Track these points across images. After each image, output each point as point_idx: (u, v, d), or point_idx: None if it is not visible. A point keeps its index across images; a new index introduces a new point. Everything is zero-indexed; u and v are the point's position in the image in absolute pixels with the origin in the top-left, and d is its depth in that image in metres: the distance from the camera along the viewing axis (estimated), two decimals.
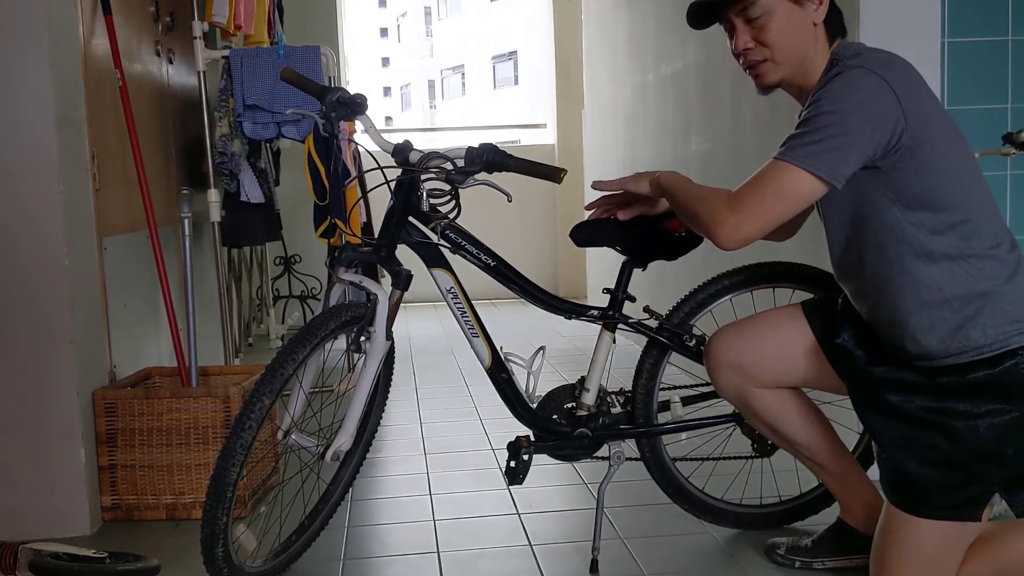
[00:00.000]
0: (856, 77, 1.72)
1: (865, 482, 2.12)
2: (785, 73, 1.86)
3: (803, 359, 2.00)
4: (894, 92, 1.70)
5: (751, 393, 2.06)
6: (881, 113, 1.69)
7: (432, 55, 41.80)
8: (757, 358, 2.04)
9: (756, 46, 1.85)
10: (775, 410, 2.07)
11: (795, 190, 1.74)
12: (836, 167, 1.71)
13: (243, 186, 3.84)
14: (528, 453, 2.15)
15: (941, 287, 1.74)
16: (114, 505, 2.57)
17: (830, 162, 1.71)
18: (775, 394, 2.06)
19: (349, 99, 2.10)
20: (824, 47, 1.84)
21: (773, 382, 2.05)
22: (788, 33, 1.82)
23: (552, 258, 7.12)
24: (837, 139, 1.70)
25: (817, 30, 1.83)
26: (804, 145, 1.72)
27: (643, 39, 4.71)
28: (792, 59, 1.84)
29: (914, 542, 1.77)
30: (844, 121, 1.69)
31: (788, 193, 1.74)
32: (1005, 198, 2.67)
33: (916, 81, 1.75)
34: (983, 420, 1.71)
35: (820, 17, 1.82)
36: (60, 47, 2.44)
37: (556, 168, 2.00)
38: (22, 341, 2.41)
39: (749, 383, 2.05)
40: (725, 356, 2.06)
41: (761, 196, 1.76)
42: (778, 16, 1.82)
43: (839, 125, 1.69)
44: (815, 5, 1.82)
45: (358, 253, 2.08)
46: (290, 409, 2.05)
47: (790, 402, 2.08)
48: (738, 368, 2.05)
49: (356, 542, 2.41)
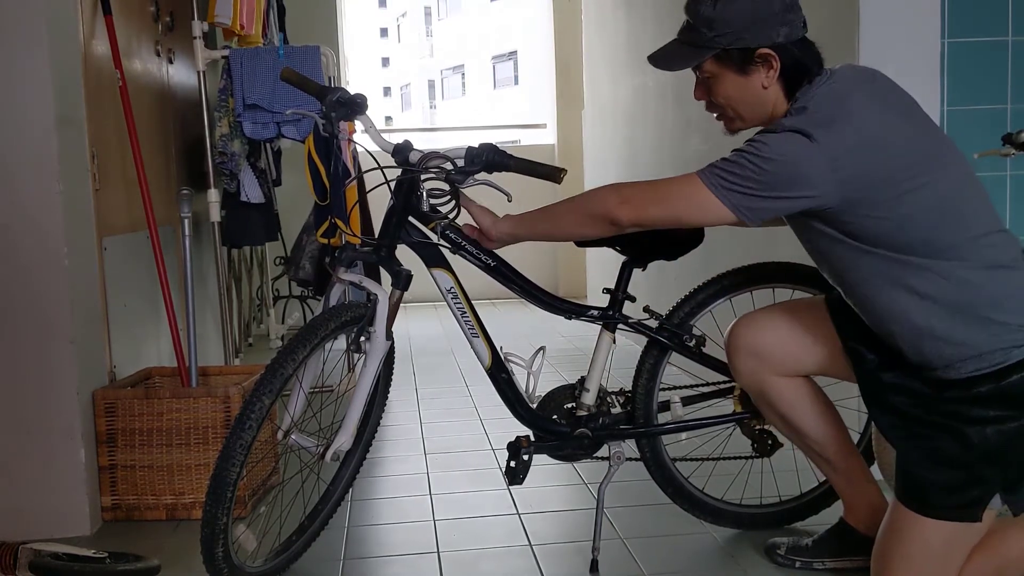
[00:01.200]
0: (790, 142, 1.70)
1: (871, 482, 2.12)
2: (747, 124, 1.89)
3: (823, 351, 2.01)
4: (827, 160, 1.68)
5: (768, 380, 2.06)
6: (804, 179, 1.69)
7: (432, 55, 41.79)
8: (777, 345, 2.04)
9: (709, 102, 1.89)
10: (790, 399, 2.07)
11: (691, 202, 1.78)
12: (748, 209, 1.74)
13: (243, 186, 3.84)
14: (528, 453, 2.15)
15: (924, 308, 1.73)
16: (114, 505, 2.57)
17: (743, 202, 1.73)
18: (791, 383, 2.06)
19: (349, 99, 2.11)
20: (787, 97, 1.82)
21: (792, 369, 2.06)
22: (736, 96, 1.84)
23: (552, 258, 7.12)
24: (750, 184, 1.71)
25: (770, 90, 1.81)
26: (722, 168, 1.75)
27: (643, 39, 4.71)
28: (748, 114, 1.86)
29: (919, 541, 1.77)
30: (763, 173, 1.70)
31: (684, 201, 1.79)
32: (1005, 198, 2.67)
33: (866, 129, 1.71)
34: (991, 426, 1.71)
35: (770, 81, 1.80)
36: (60, 47, 2.44)
37: (556, 168, 2.00)
38: (22, 341, 2.41)
39: (767, 370, 2.05)
40: (745, 341, 2.07)
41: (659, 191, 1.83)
42: (724, 81, 1.83)
43: (757, 176, 1.71)
44: (763, 72, 1.79)
45: (358, 253, 2.08)
46: (290, 409, 2.05)
47: (805, 393, 2.08)
48: (757, 354, 2.06)
49: (356, 542, 2.41)
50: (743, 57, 1.78)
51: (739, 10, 1.76)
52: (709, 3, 1.79)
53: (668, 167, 4.38)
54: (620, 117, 5.28)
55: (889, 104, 1.78)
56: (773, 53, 1.77)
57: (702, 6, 1.80)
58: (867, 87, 1.79)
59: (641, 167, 4.86)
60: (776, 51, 1.77)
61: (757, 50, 1.77)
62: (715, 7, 1.78)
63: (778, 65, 1.78)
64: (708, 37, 1.79)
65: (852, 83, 1.79)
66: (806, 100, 1.76)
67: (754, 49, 1.77)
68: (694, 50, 1.83)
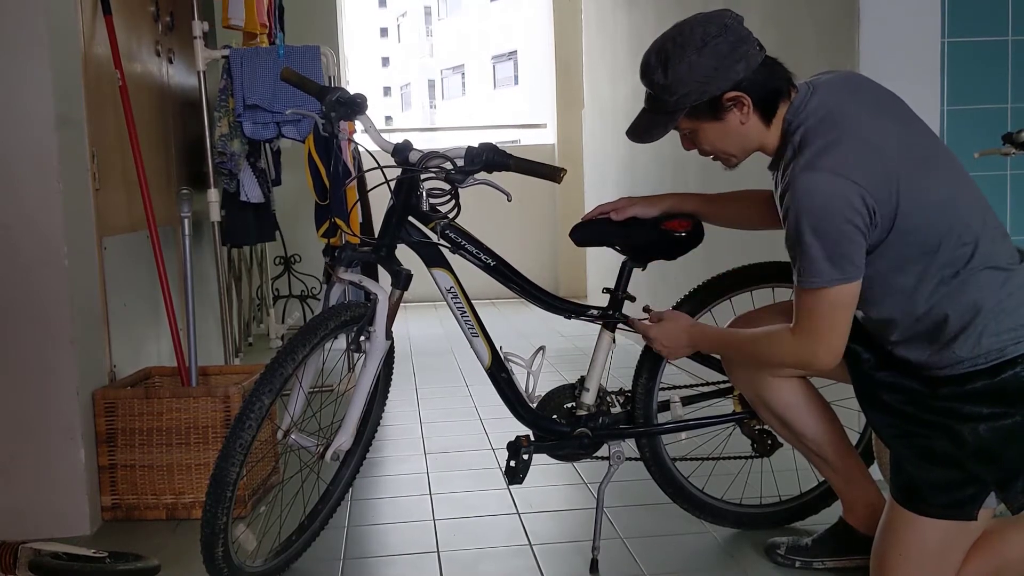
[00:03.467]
0: (809, 185, 1.69)
1: (869, 482, 2.12)
2: (742, 159, 1.90)
3: None
4: (848, 179, 1.68)
5: (764, 381, 2.07)
6: (848, 209, 1.68)
7: (432, 55, 41.79)
8: None
9: (699, 149, 1.90)
10: (787, 400, 2.08)
11: (836, 302, 1.74)
12: (844, 269, 1.71)
13: (243, 186, 3.84)
14: (528, 453, 2.15)
15: (919, 312, 1.75)
16: (114, 505, 2.57)
17: (836, 268, 1.71)
18: (788, 384, 2.06)
19: (349, 99, 2.11)
20: (779, 115, 1.81)
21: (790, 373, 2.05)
22: (720, 141, 1.85)
23: (552, 258, 7.12)
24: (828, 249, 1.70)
25: (749, 124, 1.81)
26: (807, 269, 1.73)
27: (643, 39, 4.71)
28: (739, 151, 1.88)
29: (916, 540, 1.78)
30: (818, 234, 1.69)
31: (835, 307, 1.75)
32: (1005, 198, 2.67)
33: (870, 143, 1.72)
34: (985, 423, 1.72)
35: (747, 117, 1.80)
36: (60, 47, 2.44)
37: (556, 168, 2.00)
38: (22, 341, 2.41)
39: (763, 371, 2.05)
40: None
41: (820, 321, 1.77)
42: (704, 132, 1.85)
43: (818, 239, 1.69)
44: (737, 112, 1.80)
45: (358, 253, 2.08)
46: (290, 409, 2.05)
47: (802, 394, 2.08)
48: None
49: (356, 542, 2.41)
50: (713, 106, 1.80)
51: (690, 67, 1.76)
52: (659, 71, 1.79)
53: (668, 167, 4.38)
54: (620, 117, 5.28)
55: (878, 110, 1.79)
56: (739, 93, 1.77)
57: (655, 75, 1.80)
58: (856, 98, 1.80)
59: (641, 167, 4.86)
60: (742, 89, 1.77)
61: (724, 96, 1.78)
62: (667, 73, 1.78)
63: (748, 101, 1.78)
64: (672, 102, 1.80)
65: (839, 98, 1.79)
66: (802, 119, 1.77)
67: (720, 96, 1.78)
68: (664, 116, 1.84)
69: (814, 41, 2.77)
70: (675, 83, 1.78)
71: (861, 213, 1.69)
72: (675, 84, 1.78)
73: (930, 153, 1.77)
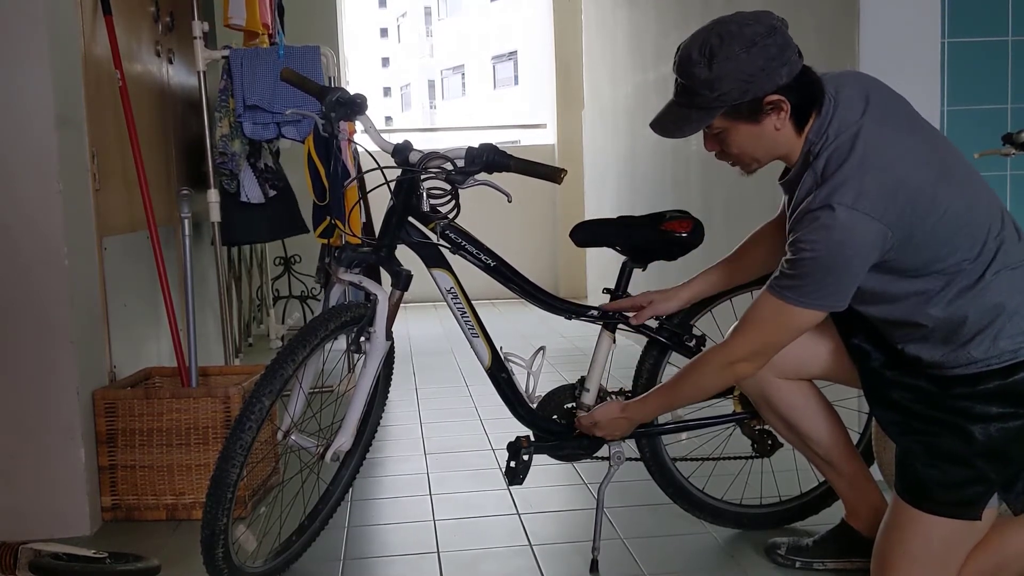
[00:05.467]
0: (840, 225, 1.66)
1: (872, 485, 2.12)
2: (764, 164, 1.86)
3: (826, 351, 2.01)
4: (878, 220, 1.66)
5: (770, 383, 2.06)
6: (870, 250, 1.68)
7: (432, 55, 41.78)
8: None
9: (723, 152, 1.85)
10: (792, 402, 2.07)
11: (790, 322, 1.78)
12: (835, 299, 1.74)
13: (243, 186, 3.83)
14: (528, 453, 2.15)
15: (937, 315, 1.74)
16: (114, 505, 2.57)
17: (828, 297, 1.73)
18: (793, 386, 2.06)
19: (349, 99, 2.10)
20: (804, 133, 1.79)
21: (794, 372, 2.05)
22: (749, 145, 1.80)
23: (552, 258, 7.12)
24: (828, 279, 1.71)
25: (783, 130, 1.77)
26: (794, 284, 1.73)
27: (643, 39, 4.71)
28: (765, 157, 1.83)
29: (919, 539, 1.78)
30: (830, 267, 1.69)
31: (783, 327, 1.79)
32: (1005, 198, 2.67)
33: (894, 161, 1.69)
34: (995, 423, 1.72)
35: (783, 123, 1.75)
36: (60, 47, 2.44)
37: (556, 168, 2.00)
38: (22, 341, 2.41)
39: (769, 371, 2.04)
40: None
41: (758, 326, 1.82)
42: (736, 133, 1.78)
43: (826, 271, 1.70)
44: (775, 116, 1.75)
45: (358, 253, 2.07)
46: (290, 409, 2.05)
47: (807, 396, 2.08)
48: None
49: (356, 542, 2.41)
50: (753, 108, 1.73)
51: (738, 65, 1.69)
52: (703, 65, 1.72)
53: (668, 167, 4.38)
54: (620, 117, 5.28)
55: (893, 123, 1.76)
56: (782, 97, 1.72)
57: (697, 68, 1.73)
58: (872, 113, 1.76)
59: (641, 167, 4.86)
60: (783, 94, 1.72)
61: (766, 98, 1.72)
62: (711, 68, 1.71)
63: (788, 107, 1.74)
64: (711, 98, 1.73)
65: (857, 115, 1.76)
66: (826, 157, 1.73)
67: (762, 98, 1.72)
68: (701, 112, 1.76)
69: (814, 41, 2.77)
70: (719, 79, 1.70)
71: (878, 250, 1.68)
72: (719, 80, 1.71)
73: (945, 163, 1.74)
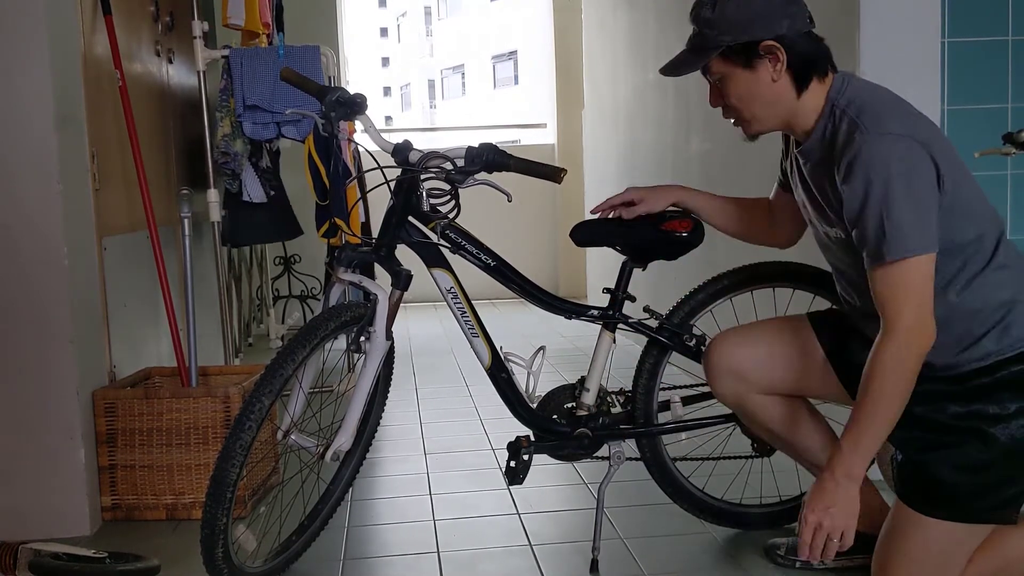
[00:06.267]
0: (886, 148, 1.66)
1: (866, 484, 2.11)
2: (767, 126, 1.86)
3: (809, 371, 2.01)
4: (921, 144, 1.66)
5: (751, 399, 2.06)
6: (927, 170, 1.67)
7: (432, 55, 41.78)
8: (759, 366, 2.03)
9: (724, 106, 1.88)
10: (774, 415, 2.07)
11: (923, 273, 1.67)
12: (931, 236, 1.66)
13: (245, 186, 3.84)
14: (528, 453, 2.15)
15: (949, 305, 1.73)
16: (114, 505, 2.57)
17: (923, 235, 1.66)
18: (775, 399, 2.06)
19: (349, 99, 2.10)
20: (814, 91, 1.79)
21: (774, 390, 2.05)
22: (747, 94, 1.82)
23: (552, 258, 7.12)
24: (915, 212, 1.65)
25: (780, 84, 1.79)
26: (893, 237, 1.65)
27: (643, 39, 4.71)
28: (765, 114, 1.84)
29: (922, 543, 1.77)
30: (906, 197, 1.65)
31: (925, 279, 1.67)
32: (1005, 198, 2.67)
33: (917, 119, 1.73)
34: (1016, 421, 1.71)
35: (779, 74, 1.78)
36: (60, 47, 2.44)
37: (556, 168, 2.00)
38: (22, 341, 2.40)
39: (750, 389, 2.05)
40: (726, 362, 2.06)
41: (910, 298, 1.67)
42: (733, 80, 1.82)
43: (905, 202, 1.65)
44: (770, 65, 1.78)
45: (358, 253, 2.08)
46: (290, 409, 2.05)
47: (789, 407, 2.08)
48: (738, 375, 2.05)
49: (356, 542, 2.41)
50: (748, 51, 1.78)
51: (739, 6, 1.77)
52: (708, 6, 1.80)
53: (669, 167, 4.38)
54: (620, 117, 5.28)
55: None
56: (777, 44, 1.76)
57: (703, 9, 1.81)
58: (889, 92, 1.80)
59: (641, 167, 4.86)
60: (780, 42, 1.76)
61: (761, 43, 1.76)
62: (714, 8, 1.79)
63: (784, 57, 1.77)
64: (712, 36, 1.80)
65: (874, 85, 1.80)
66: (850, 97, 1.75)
67: (757, 42, 1.77)
68: (700, 52, 1.83)
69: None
70: (720, 19, 1.78)
71: (936, 177, 1.67)
72: (719, 20, 1.78)
73: (954, 150, 1.77)
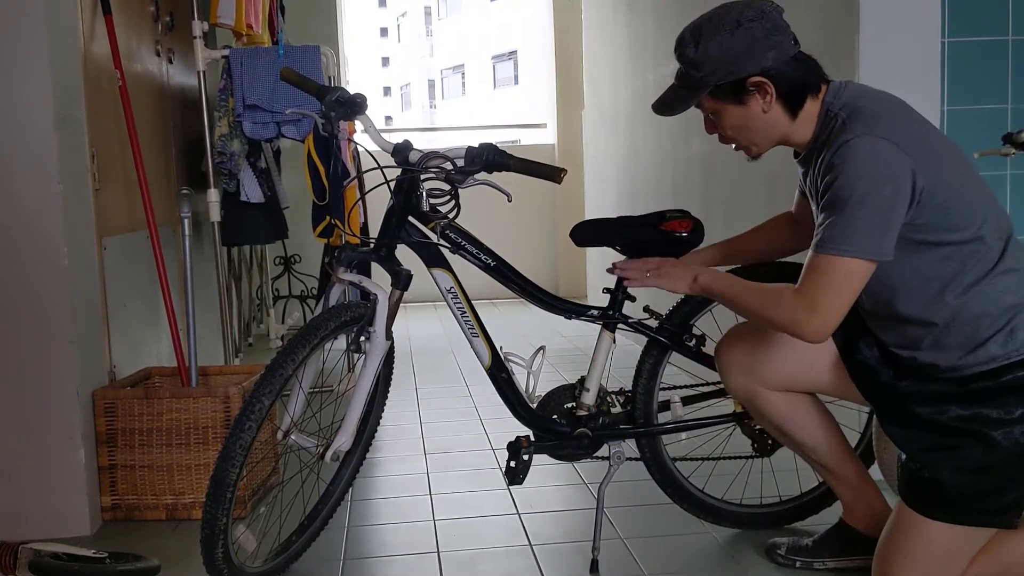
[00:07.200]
0: (866, 148, 1.68)
1: (870, 485, 2.12)
2: (767, 147, 1.89)
3: (821, 369, 2.00)
4: (903, 151, 1.67)
5: (761, 394, 2.06)
6: (902, 179, 1.67)
7: (432, 55, 41.78)
8: (770, 363, 2.03)
9: (720, 135, 1.90)
10: (784, 412, 2.07)
11: (853, 276, 1.70)
12: (879, 244, 1.68)
13: (243, 186, 3.83)
14: (528, 453, 2.15)
15: (949, 308, 1.73)
16: (114, 505, 2.57)
17: (872, 241, 1.68)
18: (785, 396, 2.06)
19: (349, 99, 2.10)
20: (808, 108, 1.80)
21: (785, 386, 2.05)
22: (741, 126, 1.85)
23: (552, 258, 7.12)
24: (872, 218, 1.67)
25: (771, 113, 1.80)
26: (840, 233, 1.68)
27: (643, 39, 4.72)
28: (760, 139, 1.86)
29: (924, 545, 1.77)
30: (868, 199, 1.66)
31: (850, 281, 1.71)
32: (1005, 198, 2.67)
33: (911, 123, 1.74)
34: (1018, 426, 1.70)
35: (769, 105, 1.79)
36: (60, 47, 2.44)
37: (556, 168, 2.00)
38: (22, 341, 2.40)
39: (760, 385, 2.05)
40: (737, 358, 2.07)
41: (828, 291, 1.71)
42: (726, 114, 1.84)
43: (866, 205, 1.66)
44: (759, 98, 1.79)
45: (358, 253, 2.08)
46: (290, 409, 2.05)
47: (800, 404, 2.08)
48: (749, 371, 2.05)
49: (356, 542, 2.41)
50: (736, 89, 1.79)
51: (722, 46, 1.77)
52: (691, 45, 1.81)
53: (669, 167, 4.38)
54: (620, 117, 5.28)
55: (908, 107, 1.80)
56: (764, 79, 1.77)
57: (686, 49, 1.82)
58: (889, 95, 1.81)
59: (641, 167, 4.86)
60: (767, 76, 1.77)
61: (748, 79, 1.78)
62: (697, 48, 1.79)
63: (772, 89, 1.78)
64: (698, 78, 1.81)
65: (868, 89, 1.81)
66: (845, 100, 1.77)
67: (745, 79, 1.78)
68: (689, 92, 1.85)
69: (814, 41, 2.76)
70: (704, 60, 1.79)
71: (910, 189, 1.67)
72: (703, 61, 1.79)
73: (957, 151, 1.78)
